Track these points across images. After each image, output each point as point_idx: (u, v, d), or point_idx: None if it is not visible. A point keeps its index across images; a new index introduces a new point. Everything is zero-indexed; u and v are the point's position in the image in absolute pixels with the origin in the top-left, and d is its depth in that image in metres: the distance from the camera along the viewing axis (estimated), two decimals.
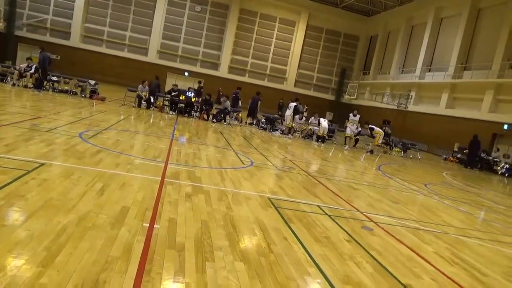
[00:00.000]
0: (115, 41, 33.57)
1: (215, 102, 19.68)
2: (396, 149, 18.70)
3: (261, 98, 19.70)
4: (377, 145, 17.24)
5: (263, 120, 18.46)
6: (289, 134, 17.57)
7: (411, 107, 27.44)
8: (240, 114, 19.21)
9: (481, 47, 23.45)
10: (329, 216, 5.25)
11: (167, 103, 17.84)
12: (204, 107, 17.52)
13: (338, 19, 36.41)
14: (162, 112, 17.08)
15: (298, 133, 18.26)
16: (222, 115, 17.59)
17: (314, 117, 18.49)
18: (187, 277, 2.84)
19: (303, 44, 36.55)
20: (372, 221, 5.46)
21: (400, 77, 30.63)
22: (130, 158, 6.58)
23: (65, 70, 23.58)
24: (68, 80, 18.31)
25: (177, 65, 34.47)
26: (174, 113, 16.99)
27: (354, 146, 18.10)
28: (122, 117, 12.66)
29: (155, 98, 17.59)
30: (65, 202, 3.86)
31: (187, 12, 34.56)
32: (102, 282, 2.53)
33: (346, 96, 34.98)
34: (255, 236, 3.99)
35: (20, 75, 16.48)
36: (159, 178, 5.50)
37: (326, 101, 36.47)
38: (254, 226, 4.26)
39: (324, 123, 17.48)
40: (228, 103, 18.24)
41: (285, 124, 18.01)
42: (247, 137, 14.13)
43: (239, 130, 16.15)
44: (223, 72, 35.20)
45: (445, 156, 21.55)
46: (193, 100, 17.38)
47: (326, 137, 17.75)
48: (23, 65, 17.24)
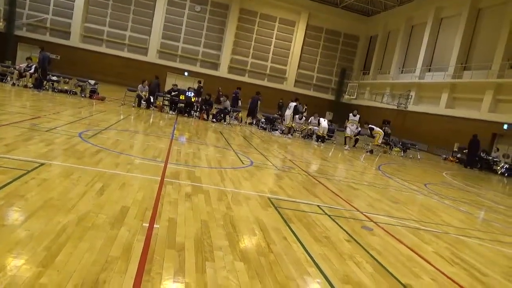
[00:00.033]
0: (115, 41, 33.58)
1: (215, 102, 19.67)
2: (396, 149, 18.70)
3: (260, 98, 19.69)
4: (377, 145, 17.25)
5: (263, 120, 18.46)
6: (289, 134, 17.57)
7: (411, 107, 27.45)
8: (240, 114, 19.21)
9: (481, 47, 23.46)
10: (329, 216, 5.25)
11: (167, 103, 17.83)
12: (204, 107, 17.51)
13: (338, 19, 36.42)
14: (162, 112, 17.08)
15: (298, 133, 18.26)
16: (222, 115, 17.59)
17: (313, 117, 18.51)
18: (187, 277, 2.83)
19: (303, 44, 36.56)
20: (372, 221, 5.45)
21: (400, 77, 30.63)
22: (130, 158, 6.58)
23: (65, 70, 23.54)
24: (67, 80, 18.31)
25: (177, 65, 34.48)
26: (174, 113, 16.99)
27: (354, 146, 18.11)
28: (121, 117, 12.66)
29: (155, 98, 17.59)
30: (65, 202, 3.86)
31: (187, 12, 34.57)
32: (102, 282, 2.53)
33: (346, 96, 34.99)
34: (255, 236, 3.99)
35: (20, 75, 16.46)
36: (159, 178, 5.50)
37: (326, 101, 36.48)
38: (254, 226, 4.26)
39: (324, 123, 17.49)
40: (228, 103, 18.24)
41: (285, 124, 18.01)
42: (247, 137, 14.13)
43: (239, 130, 16.15)
44: (223, 72, 35.21)
45: (444, 156, 21.56)
46: (193, 100, 17.38)
47: (326, 137, 17.75)
48: (22, 64, 17.21)
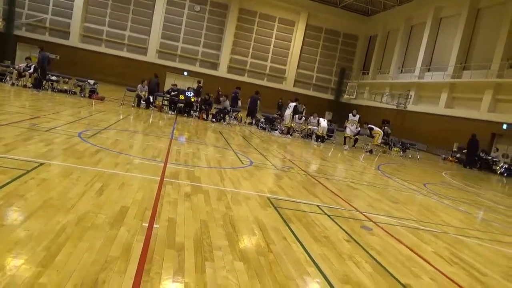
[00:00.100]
0: (115, 41, 33.56)
1: (214, 102, 19.66)
2: (395, 149, 18.71)
3: (260, 97, 19.68)
4: (376, 145, 17.25)
5: (263, 119, 18.45)
6: (288, 133, 17.57)
7: (410, 107, 27.45)
8: (240, 114, 19.21)
9: (480, 47, 23.47)
10: (329, 216, 5.25)
11: (166, 102, 17.82)
12: (203, 106, 17.50)
13: (337, 19, 36.43)
14: (161, 111, 17.07)
15: (298, 133, 18.26)
16: (222, 115, 17.58)
17: (313, 116, 18.51)
18: (186, 277, 2.83)
19: (303, 44, 36.56)
20: (371, 220, 5.46)
21: (399, 77, 30.64)
22: (129, 158, 6.58)
23: (64, 69, 23.50)
24: (67, 80, 18.27)
25: (176, 64, 34.47)
26: (173, 113, 16.98)
27: (354, 146, 18.10)
28: (121, 116, 12.65)
29: (154, 97, 17.58)
30: (64, 202, 3.86)
31: (186, 12, 34.56)
32: (102, 282, 2.53)
33: (346, 96, 34.98)
34: (254, 235, 3.99)
35: (19, 75, 16.45)
36: (159, 178, 5.50)
37: (325, 101, 36.49)
38: (253, 225, 4.26)
39: (324, 123, 17.49)
40: (227, 102, 18.23)
41: (285, 123, 18.00)
42: (247, 137, 14.13)
43: (239, 129, 16.15)
44: (222, 71, 35.20)
45: (444, 156, 21.56)
46: (192, 99, 17.37)
47: (326, 137, 17.75)
48: (22, 64, 17.20)
